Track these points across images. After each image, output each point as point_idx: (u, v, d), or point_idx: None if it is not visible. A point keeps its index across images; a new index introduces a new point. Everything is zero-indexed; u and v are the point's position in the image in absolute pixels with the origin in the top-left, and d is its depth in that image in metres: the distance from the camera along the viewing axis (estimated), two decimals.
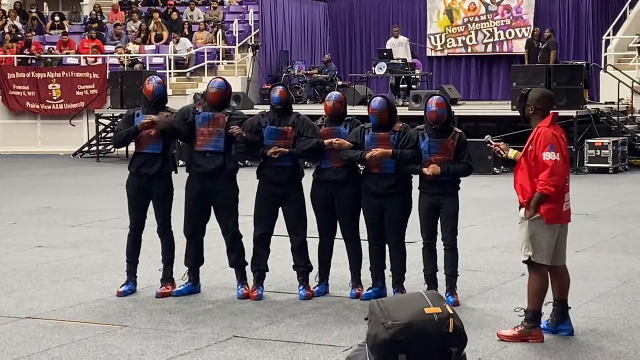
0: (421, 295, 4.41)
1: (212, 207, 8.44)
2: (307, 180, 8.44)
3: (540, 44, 24.08)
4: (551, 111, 7.08)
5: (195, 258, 8.55)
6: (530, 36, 25.31)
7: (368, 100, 8.53)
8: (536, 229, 6.88)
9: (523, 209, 6.95)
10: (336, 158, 8.23)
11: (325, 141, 8.19)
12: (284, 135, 8.27)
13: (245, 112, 19.52)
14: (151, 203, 8.56)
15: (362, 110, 14.65)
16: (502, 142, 7.55)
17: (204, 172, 8.27)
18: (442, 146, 7.98)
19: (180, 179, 8.57)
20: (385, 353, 4.12)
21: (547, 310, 7.09)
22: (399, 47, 23.97)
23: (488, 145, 7.59)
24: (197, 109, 8.41)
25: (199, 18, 28.18)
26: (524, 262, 7.02)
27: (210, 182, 8.28)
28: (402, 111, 16.88)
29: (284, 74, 25.64)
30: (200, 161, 8.30)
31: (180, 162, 10.90)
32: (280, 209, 8.43)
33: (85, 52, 26.85)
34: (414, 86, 23.38)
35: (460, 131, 8.14)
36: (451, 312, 4.32)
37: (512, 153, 7.18)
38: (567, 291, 7.13)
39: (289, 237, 8.49)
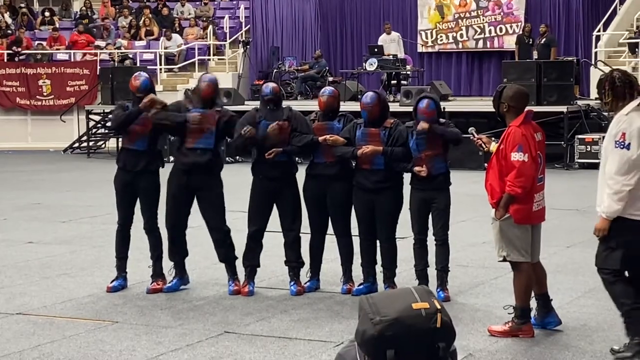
0: (410, 291, 4.41)
1: (195, 202, 8.41)
2: (302, 176, 8.44)
3: (531, 40, 24.09)
4: (526, 109, 7.00)
5: (178, 252, 8.51)
6: (521, 32, 25.31)
7: (359, 96, 8.55)
8: (508, 229, 6.86)
9: (494, 210, 6.94)
10: (329, 153, 8.24)
11: (320, 138, 8.19)
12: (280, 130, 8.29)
13: (236, 108, 19.45)
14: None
15: (353, 106, 14.67)
16: (485, 136, 7.50)
17: (192, 167, 8.25)
18: (431, 142, 7.99)
19: (166, 174, 8.57)
20: (374, 349, 4.12)
21: (532, 305, 7.10)
22: (391, 43, 23.97)
23: (471, 138, 7.54)
24: (187, 106, 8.36)
25: (189, 14, 28.14)
26: (500, 262, 7.03)
27: (197, 177, 8.27)
28: (393, 107, 16.91)
29: (275, 70, 25.63)
30: (190, 157, 8.27)
31: (171, 158, 10.93)
32: (275, 205, 8.43)
33: (75, 48, 26.78)
34: (404, 82, 23.40)
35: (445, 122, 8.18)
36: (439, 307, 4.32)
37: (493, 147, 7.15)
38: (545, 284, 7.14)
39: (283, 233, 8.48)
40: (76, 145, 24.66)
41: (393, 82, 23.30)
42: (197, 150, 8.24)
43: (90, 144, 24.17)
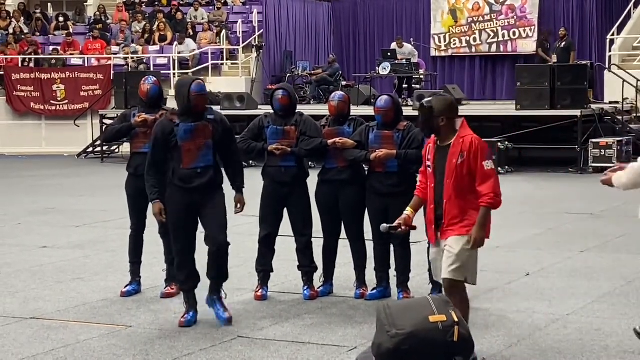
0: (427, 302, 4.35)
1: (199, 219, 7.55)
2: (313, 181, 8.44)
3: (549, 44, 24.04)
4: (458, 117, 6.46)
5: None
6: (542, 37, 25.24)
7: (373, 100, 8.53)
8: (472, 252, 6.24)
9: (454, 238, 6.20)
10: (341, 158, 8.23)
11: (329, 141, 8.19)
12: (287, 135, 8.27)
13: (249, 112, 19.34)
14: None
15: (366, 110, 14.65)
16: (399, 222, 6.59)
17: (195, 187, 7.39)
18: None
19: None
20: None
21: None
22: (401, 56, 23.82)
23: (392, 232, 6.83)
24: (173, 120, 7.40)
25: (203, 18, 28.20)
26: (451, 280, 6.16)
27: (200, 195, 7.41)
28: (406, 111, 16.92)
29: (288, 75, 25.64)
30: (190, 178, 7.39)
31: None
32: (285, 210, 8.42)
33: (89, 53, 26.88)
34: (417, 86, 23.38)
35: None
36: (457, 319, 4.27)
37: (409, 211, 6.54)
38: None
39: (294, 238, 8.48)
40: (90, 150, 24.73)
41: (405, 86, 23.29)
42: (197, 170, 7.39)
43: (104, 148, 24.23)
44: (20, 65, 26.69)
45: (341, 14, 29.43)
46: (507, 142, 19.60)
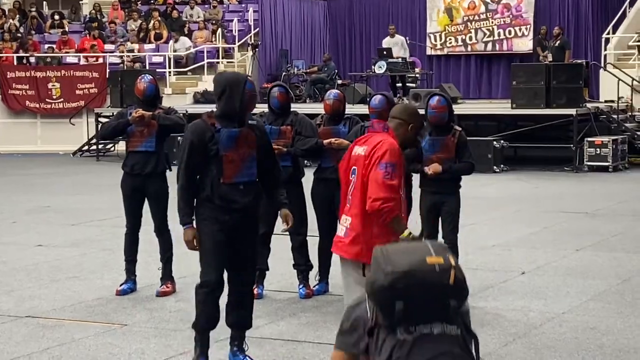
0: (425, 245, 4.36)
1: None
2: (308, 179, 8.44)
3: (547, 42, 24.05)
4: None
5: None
6: (538, 35, 25.27)
7: (368, 99, 8.54)
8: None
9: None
10: (337, 157, 8.22)
11: (325, 141, 8.19)
12: (283, 135, 8.28)
13: None
14: (147, 202, 8.53)
15: (361, 109, 14.67)
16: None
17: (238, 209, 6.21)
18: (443, 144, 8.00)
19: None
20: (383, 299, 4.08)
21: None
22: (395, 46, 23.92)
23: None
24: (213, 124, 6.16)
25: (198, 17, 28.19)
26: None
27: (240, 218, 6.23)
28: None
29: (284, 73, 25.65)
30: (233, 195, 6.17)
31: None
32: None
33: (86, 51, 26.85)
34: (413, 85, 23.38)
35: (460, 129, 8.13)
36: (453, 263, 4.27)
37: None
38: None
39: (290, 237, 8.48)
40: (85, 148, 24.71)
41: (399, 85, 23.30)
42: (240, 185, 6.20)
43: (100, 147, 24.21)
44: (15, 63, 26.66)
45: (337, 12, 29.41)
46: (502, 141, 19.62)
